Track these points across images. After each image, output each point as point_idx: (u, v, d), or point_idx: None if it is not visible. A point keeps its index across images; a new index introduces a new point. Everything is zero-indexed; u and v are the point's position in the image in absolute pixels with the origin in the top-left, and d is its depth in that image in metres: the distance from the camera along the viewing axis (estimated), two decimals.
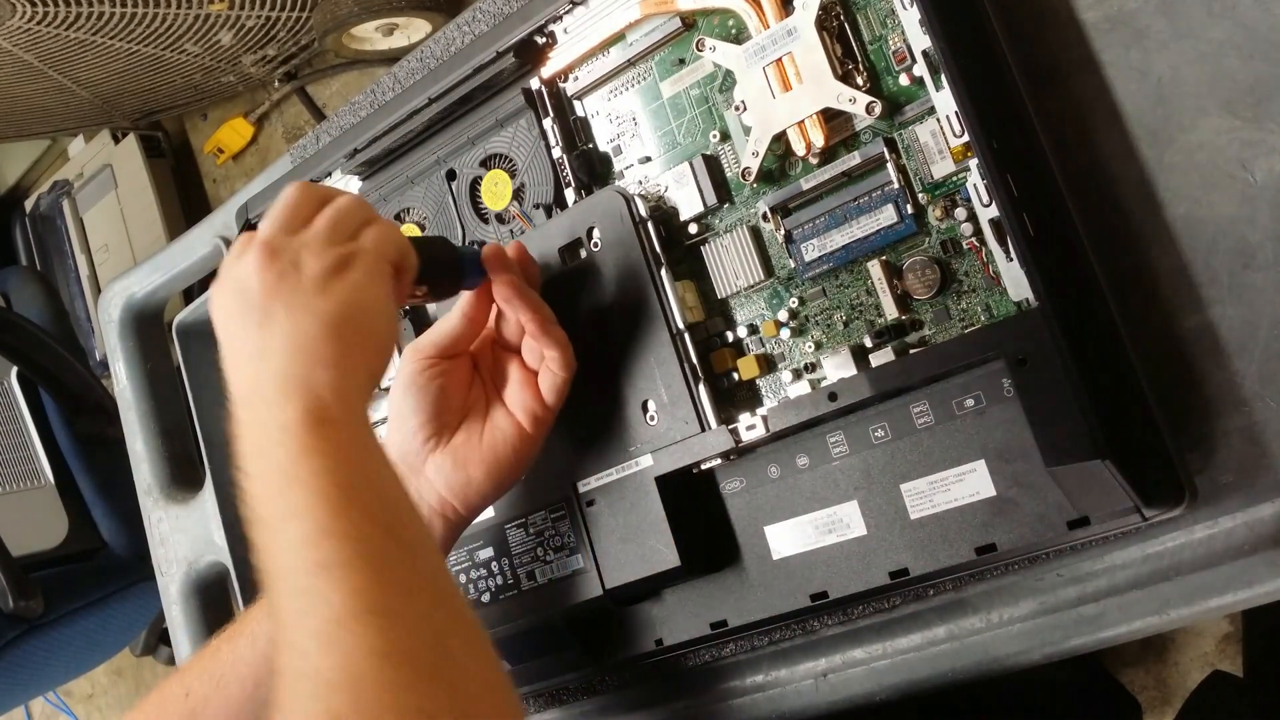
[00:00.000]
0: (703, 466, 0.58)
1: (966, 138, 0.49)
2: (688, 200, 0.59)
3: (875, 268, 0.53)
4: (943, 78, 0.50)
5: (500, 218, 0.67)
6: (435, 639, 0.41)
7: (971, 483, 0.51)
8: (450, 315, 0.58)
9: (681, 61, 0.60)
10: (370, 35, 1.88)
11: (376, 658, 0.39)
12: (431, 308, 0.69)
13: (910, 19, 0.51)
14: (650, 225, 0.58)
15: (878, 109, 0.52)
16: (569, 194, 0.63)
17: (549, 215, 0.64)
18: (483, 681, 0.42)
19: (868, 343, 0.54)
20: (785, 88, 0.55)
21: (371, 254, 0.50)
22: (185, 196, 2.38)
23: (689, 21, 0.59)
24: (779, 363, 0.57)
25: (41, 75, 1.85)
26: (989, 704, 0.79)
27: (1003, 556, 0.51)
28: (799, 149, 0.55)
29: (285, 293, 0.47)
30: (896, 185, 0.53)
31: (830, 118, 0.54)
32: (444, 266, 0.56)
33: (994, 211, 0.49)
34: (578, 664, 0.64)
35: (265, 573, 0.43)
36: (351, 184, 0.74)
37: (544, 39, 0.64)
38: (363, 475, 0.44)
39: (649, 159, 0.62)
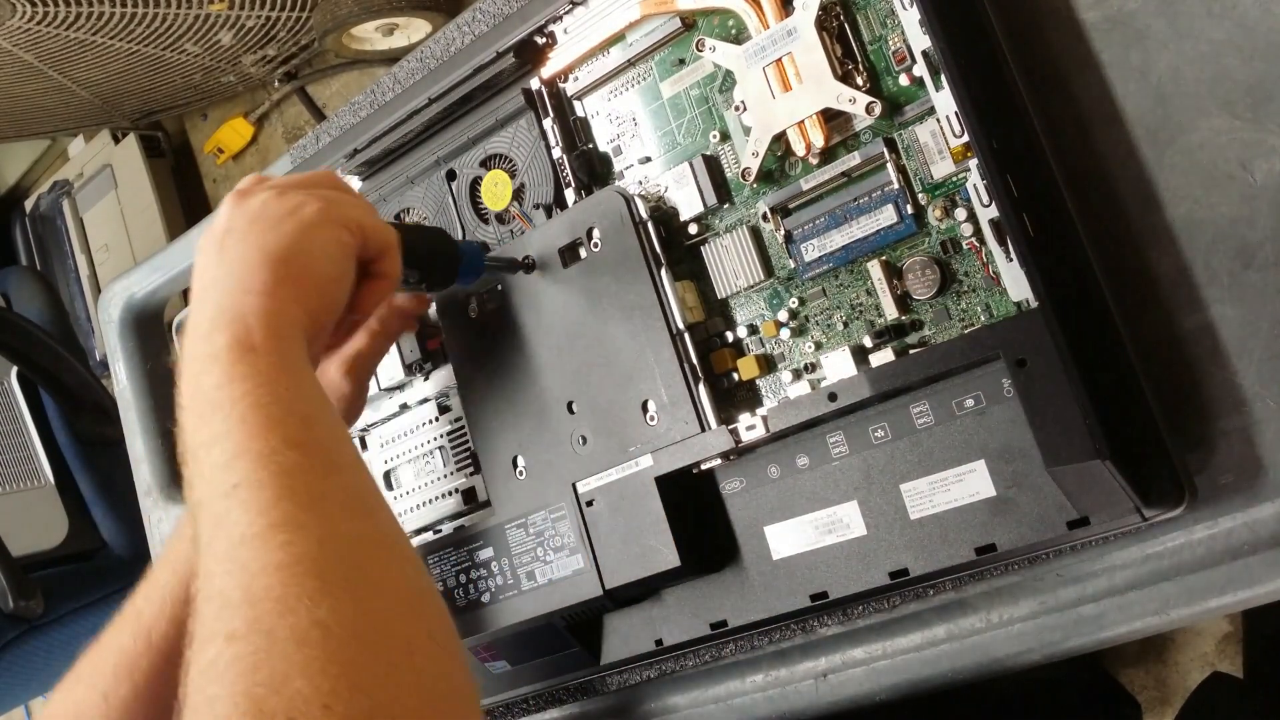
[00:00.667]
0: (703, 466, 0.58)
1: (966, 138, 0.49)
2: (688, 200, 0.59)
3: (875, 268, 0.53)
4: (943, 78, 0.50)
5: (500, 218, 0.67)
6: (342, 551, 0.39)
7: (971, 483, 0.51)
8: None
9: (681, 61, 0.60)
10: (370, 35, 1.88)
11: (275, 572, 0.37)
12: (431, 308, 0.69)
13: (910, 19, 0.51)
14: (650, 225, 0.58)
15: (878, 109, 0.52)
16: (569, 194, 0.63)
17: (549, 215, 0.64)
18: (397, 593, 0.40)
19: (868, 343, 0.54)
20: (785, 88, 0.55)
21: (331, 203, 0.50)
22: (185, 196, 2.38)
23: (689, 22, 0.59)
24: (779, 363, 0.57)
25: (41, 75, 1.85)
26: (989, 704, 0.79)
27: (1003, 556, 0.51)
28: (799, 149, 0.55)
29: (243, 227, 0.48)
30: (896, 185, 0.53)
31: (830, 118, 0.54)
32: (440, 256, 0.56)
33: (994, 212, 0.49)
34: (578, 664, 0.64)
35: (192, 507, 0.42)
36: (352, 184, 0.74)
37: (544, 39, 0.64)
38: (282, 398, 0.43)
39: (649, 159, 0.62)
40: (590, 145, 0.64)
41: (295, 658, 0.35)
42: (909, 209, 0.53)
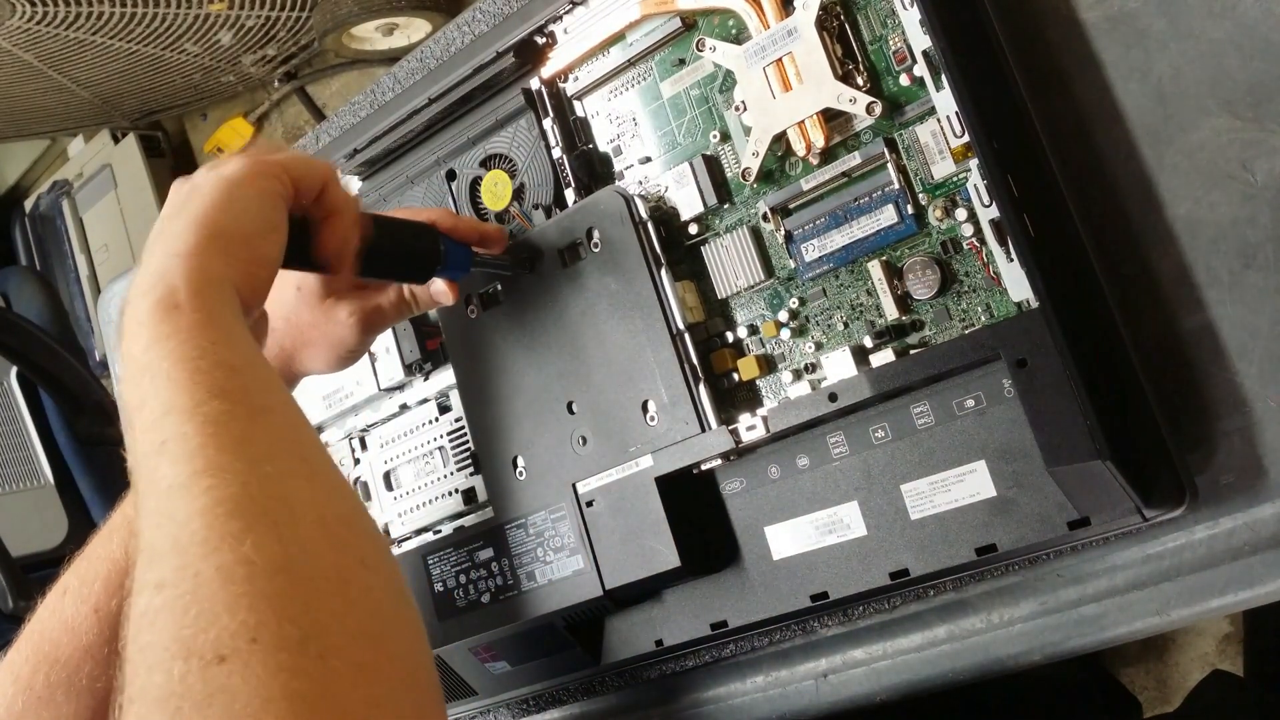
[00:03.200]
0: (703, 467, 0.58)
1: (967, 138, 0.49)
2: (688, 200, 0.59)
3: (875, 268, 0.53)
4: (943, 78, 0.50)
5: (500, 218, 0.67)
6: (266, 489, 0.39)
7: (972, 483, 0.51)
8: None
9: (681, 61, 0.60)
10: (370, 35, 1.88)
11: (200, 517, 0.37)
12: (432, 312, 0.69)
13: (910, 19, 0.51)
14: (650, 225, 0.58)
15: (878, 109, 0.52)
16: (569, 194, 0.63)
17: (549, 215, 0.64)
18: (323, 524, 0.40)
19: (868, 343, 0.54)
20: (785, 88, 0.54)
21: (252, 159, 0.50)
22: None
23: (689, 21, 0.59)
24: (779, 363, 0.57)
25: (41, 75, 1.85)
26: (989, 704, 0.79)
27: (1003, 557, 0.51)
28: (799, 149, 0.55)
29: (177, 207, 0.48)
30: (897, 185, 0.53)
31: (830, 118, 0.54)
32: (409, 249, 0.56)
33: (994, 212, 0.49)
34: (578, 664, 0.64)
35: (130, 469, 0.42)
36: (352, 184, 0.73)
37: (544, 39, 0.64)
38: (207, 351, 0.43)
39: (649, 159, 0.62)
40: (590, 145, 0.64)
41: (222, 595, 0.35)
42: (909, 209, 0.52)
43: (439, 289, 0.59)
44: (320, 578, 0.37)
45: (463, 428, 0.67)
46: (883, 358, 0.52)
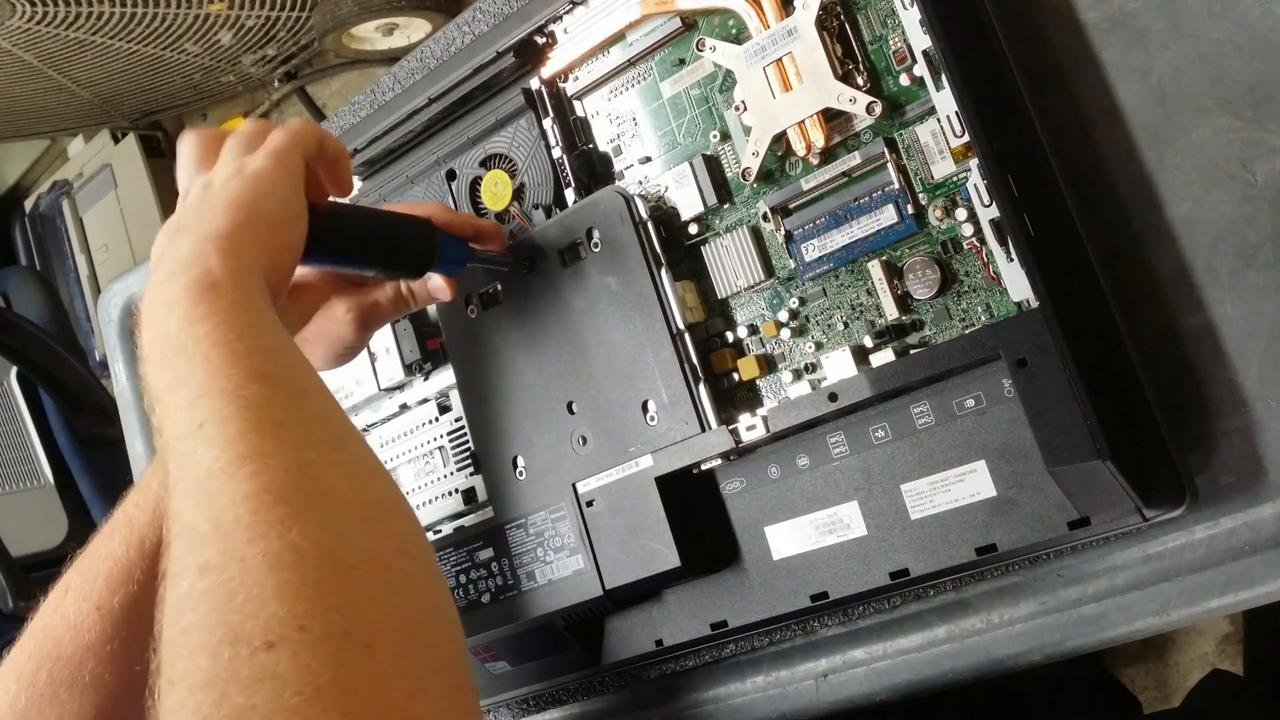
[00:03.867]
0: (703, 467, 0.58)
1: (967, 138, 0.49)
2: (688, 200, 0.59)
3: (875, 268, 0.53)
4: (943, 78, 0.50)
5: (500, 218, 0.67)
6: (309, 475, 0.39)
7: (972, 483, 0.51)
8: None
9: (681, 61, 0.60)
10: (370, 35, 1.88)
11: (244, 502, 0.37)
12: (431, 308, 0.69)
13: (910, 19, 0.51)
14: (650, 225, 0.58)
15: (878, 109, 0.52)
16: (569, 194, 0.63)
17: (549, 215, 0.64)
18: (364, 511, 0.40)
19: (868, 343, 0.54)
20: (785, 88, 0.54)
21: (275, 147, 0.51)
22: None
23: (689, 21, 0.59)
24: (779, 363, 0.57)
25: (41, 75, 1.85)
26: (989, 703, 0.79)
27: (1003, 557, 0.51)
28: (799, 149, 0.55)
29: (194, 206, 0.49)
30: (897, 185, 0.53)
31: (830, 118, 0.54)
32: (405, 241, 0.56)
33: (994, 212, 0.49)
34: (578, 664, 0.64)
35: (160, 449, 0.42)
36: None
37: (544, 39, 0.64)
38: (245, 335, 0.43)
39: (649, 159, 0.62)
40: (590, 145, 0.64)
41: (268, 582, 0.35)
42: (909, 209, 0.52)
43: (436, 284, 0.59)
44: (363, 566, 0.37)
45: (463, 428, 0.67)
46: (883, 358, 0.52)
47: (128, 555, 0.53)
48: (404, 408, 0.71)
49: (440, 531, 0.68)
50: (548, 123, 0.64)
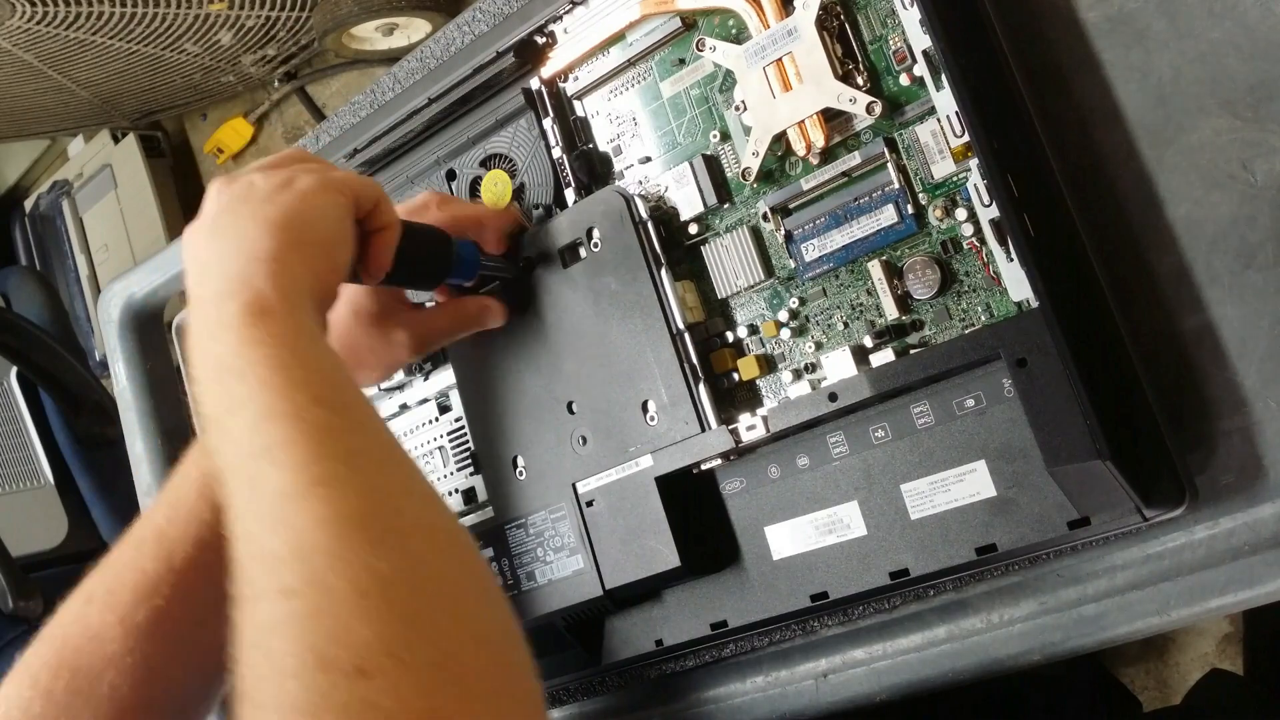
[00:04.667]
0: (703, 467, 0.58)
1: (967, 138, 0.49)
2: (688, 200, 0.59)
3: (875, 268, 0.53)
4: (943, 78, 0.50)
5: None
6: (383, 502, 0.40)
7: (972, 483, 0.51)
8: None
9: (681, 61, 0.60)
10: (370, 35, 1.88)
11: (323, 526, 0.37)
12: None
13: (910, 19, 0.51)
14: (650, 225, 0.58)
15: (878, 109, 0.52)
16: (569, 194, 0.63)
17: (549, 215, 0.64)
18: (437, 539, 0.41)
19: (868, 343, 0.54)
20: (785, 88, 0.54)
21: (324, 172, 0.51)
22: (185, 196, 2.38)
23: (689, 21, 0.59)
24: (779, 363, 0.57)
25: (41, 75, 1.85)
26: (989, 703, 0.79)
27: (1003, 557, 0.51)
28: (799, 149, 0.55)
29: (235, 206, 0.49)
30: (897, 185, 0.53)
31: (830, 118, 0.54)
32: (427, 252, 0.56)
33: (994, 212, 0.49)
34: (578, 664, 0.64)
35: (218, 473, 0.42)
36: None
37: (544, 39, 0.64)
38: (303, 359, 0.44)
39: (649, 159, 0.62)
40: (590, 145, 0.64)
41: (357, 609, 0.35)
42: (909, 209, 0.52)
43: (487, 307, 0.61)
44: (445, 594, 0.38)
45: (463, 428, 0.67)
46: (883, 357, 0.52)
47: (156, 569, 0.53)
48: (404, 408, 0.71)
49: None
50: (548, 123, 0.64)
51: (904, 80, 0.52)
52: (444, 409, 0.69)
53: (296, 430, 0.40)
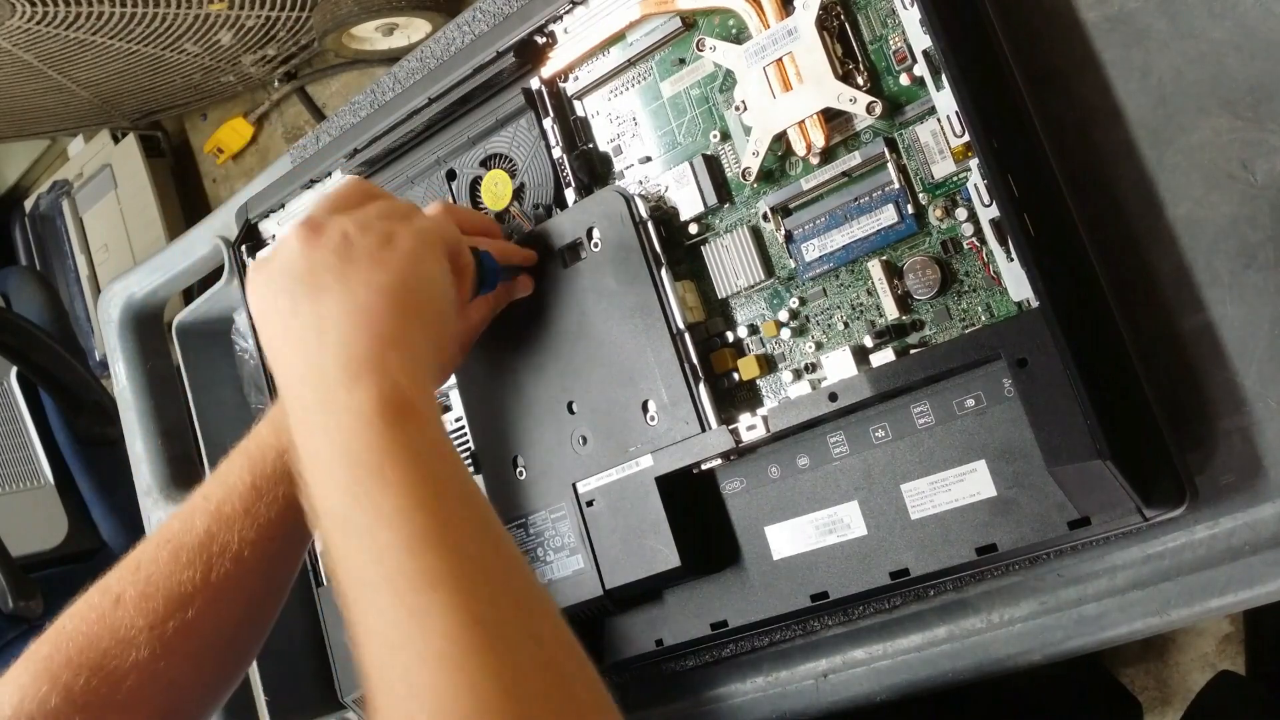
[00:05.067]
0: (703, 467, 0.58)
1: (967, 138, 0.49)
2: (688, 200, 0.59)
3: (876, 268, 0.53)
4: (943, 78, 0.50)
5: (500, 218, 0.67)
6: (544, 663, 0.41)
7: (972, 483, 0.51)
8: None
9: (682, 61, 0.60)
10: (370, 35, 1.88)
11: (496, 690, 0.38)
12: None
13: (911, 19, 0.51)
14: (650, 225, 0.58)
15: (878, 109, 0.52)
16: (569, 194, 0.63)
17: (549, 215, 0.64)
18: (563, 645, 0.43)
19: (868, 343, 0.54)
20: (785, 88, 0.54)
21: (423, 228, 0.49)
22: (185, 196, 2.38)
23: (689, 21, 0.59)
24: (779, 363, 0.57)
25: (41, 75, 1.85)
26: (989, 704, 0.79)
27: (1003, 557, 0.51)
28: (799, 149, 0.55)
29: (336, 264, 0.46)
30: (897, 185, 0.53)
31: (830, 118, 0.54)
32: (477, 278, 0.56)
33: (994, 211, 0.49)
34: None
35: (339, 572, 0.41)
36: None
37: (544, 39, 0.64)
38: (451, 478, 0.42)
39: (649, 159, 0.62)
40: (590, 145, 0.64)
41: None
42: (910, 209, 0.52)
43: (515, 279, 0.60)
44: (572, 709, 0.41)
45: (463, 428, 0.67)
46: (883, 357, 0.52)
47: (193, 581, 0.52)
48: None
49: None
50: (548, 122, 0.64)
51: (904, 80, 0.52)
52: (444, 409, 0.69)
53: (459, 568, 0.40)
